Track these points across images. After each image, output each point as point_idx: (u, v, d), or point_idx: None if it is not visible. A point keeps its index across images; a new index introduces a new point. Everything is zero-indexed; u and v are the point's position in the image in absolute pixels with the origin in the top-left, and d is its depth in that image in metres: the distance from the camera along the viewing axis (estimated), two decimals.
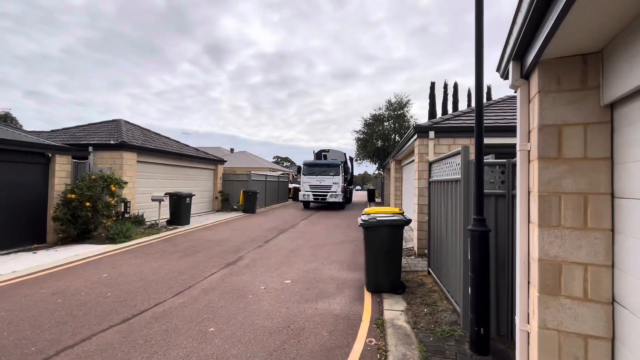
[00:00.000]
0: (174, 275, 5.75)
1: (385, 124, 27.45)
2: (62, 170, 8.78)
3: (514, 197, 3.36)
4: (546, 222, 2.24)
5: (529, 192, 2.49)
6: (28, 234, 8.04)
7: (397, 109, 26.88)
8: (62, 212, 8.17)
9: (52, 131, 13.25)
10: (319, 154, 21.72)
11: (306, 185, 18.69)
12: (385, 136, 27.20)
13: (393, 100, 27.07)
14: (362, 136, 28.33)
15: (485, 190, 3.43)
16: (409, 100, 26.85)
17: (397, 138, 26.06)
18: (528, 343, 2.44)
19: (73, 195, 8.22)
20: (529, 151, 2.48)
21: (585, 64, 2.17)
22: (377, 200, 27.56)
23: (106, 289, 5.04)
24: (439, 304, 4.46)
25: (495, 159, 3.77)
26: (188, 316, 4.09)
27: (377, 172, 35.83)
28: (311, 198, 18.46)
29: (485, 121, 6.78)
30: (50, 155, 8.49)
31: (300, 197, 18.89)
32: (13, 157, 7.66)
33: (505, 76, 2.77)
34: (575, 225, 2.17)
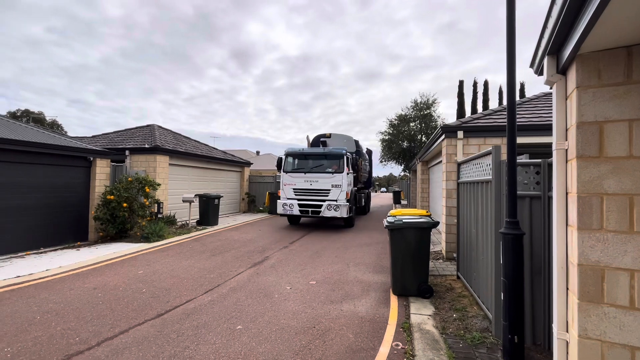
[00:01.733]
0: (203, 274, 5.96)
1: (411, 124, 26.93)
2: (102, 172, 9.37)
3: (550, 198, 3.19)
4: (587, 225, 2.11)
5: (566, 194, 2.36)
6: (72, 232, 8.66)
7: (423, 109, 26.31)
8: (102, 212, 8.72)
9: (93, 136, 14.18)
10: (317, 141, 14.33)
11: (289, 189, 11.63)
12: (411, 137, 26.69)
13: (419, 99, 26.56)
14: (387, 137, 27.97)
15: (518, 192, 3.28)
16: (435, 100, 26.23)
17: (423, 139, 25.51)
18: (567, 353, 2.31)
19: (112, 197, 8.74)
20: (566, 150, 2.36)
21: (629, 57, 2.03)
22: (403, 202, 27.08)
23: (141, 285, 5.31)
24: (468, 310, 4.31)
25: (530, 159, 3.60)
26: (217, 313, 4.22)
27: (402, 173, 35.20)
28: (296, 210, 11.29)
29: (518, 119, 6.49)
30: (91, 159, 9.10)
31: (279, 209, 11.55)
32: (60, 161, 8.29)
33: (539, 72, 2.65)
34: (620, 229, 2.03)
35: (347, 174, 11.47)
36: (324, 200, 11.20)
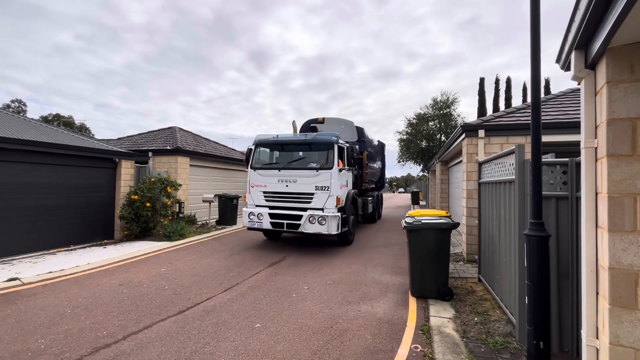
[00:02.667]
0: (223, 272, 6.08)
1: (430, 123, 26.52)
2: (127, 173, 9.74)
3: (578, 199, 3.06)
4: (618, 227, 2.01)
5: (596, 194, 2.25)
6: (99, 231, 9.04)
7: (443, 108, 25.85)
8: (127, 212, 9.06)
9: (118, 139, 14.76)
10: (307, 128, 11.15)
11: (257, 192, 8.52)
12: (430, 136, 26.27)
13: (439, 98, 26.09)
14: (405, 137, 27.63)
15: (543, 192, 3.16)
16: (456, 98, 25.71)
17: (442, 138, 25.03)
18: None
19: (136, 197, 9.06)
20: (595, 148, 2.25)
21: None
22: (422, 203, 26.63)
23: (164, 282, 5.48)
24: (491, 313, 4.19)
25: (556, 158, 3.47)
26: (236, 311, 4.29)
27: (421, 174, 34.64)
28: (267, 222, 8.07)
29: (543, 117, 6.26)
30: (117, 160, 9.47)
31: (244, 220, 8.46)
32: (88, 163, 8.69)
33: (566, 67, 2.55)
34: None
35: (340, 170, 8.08)
36: (304, 209, 7.83)
